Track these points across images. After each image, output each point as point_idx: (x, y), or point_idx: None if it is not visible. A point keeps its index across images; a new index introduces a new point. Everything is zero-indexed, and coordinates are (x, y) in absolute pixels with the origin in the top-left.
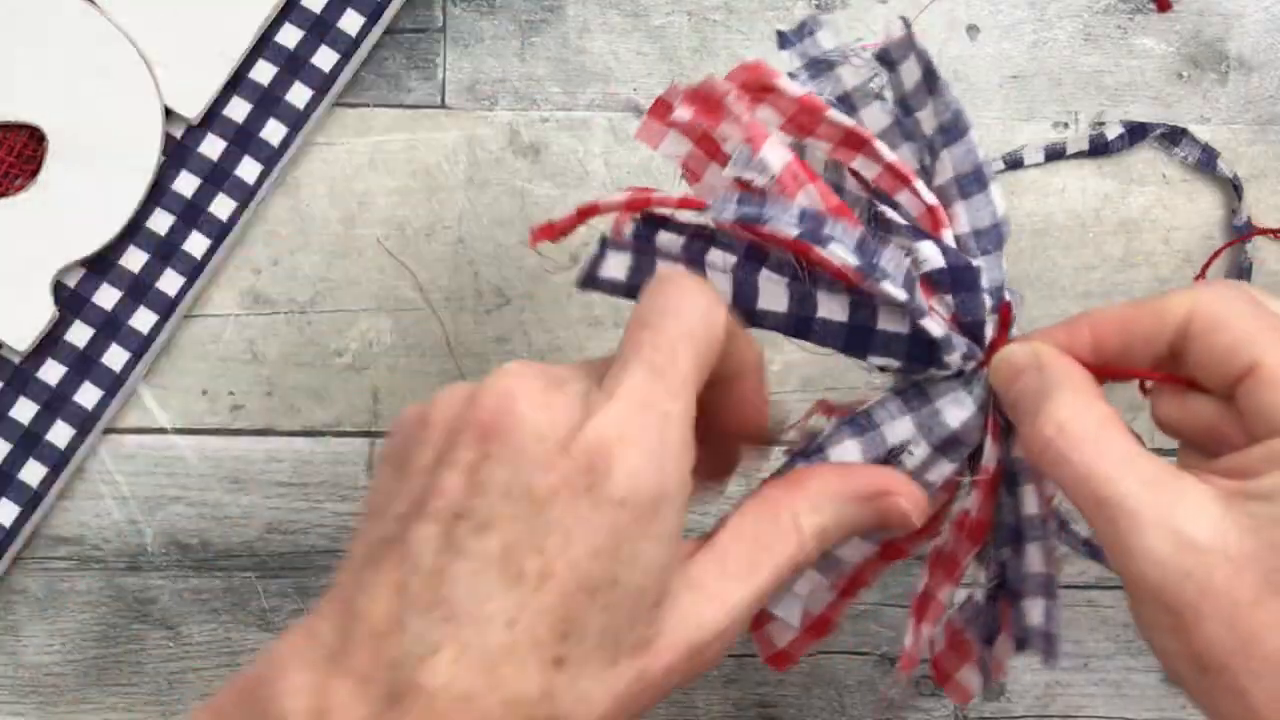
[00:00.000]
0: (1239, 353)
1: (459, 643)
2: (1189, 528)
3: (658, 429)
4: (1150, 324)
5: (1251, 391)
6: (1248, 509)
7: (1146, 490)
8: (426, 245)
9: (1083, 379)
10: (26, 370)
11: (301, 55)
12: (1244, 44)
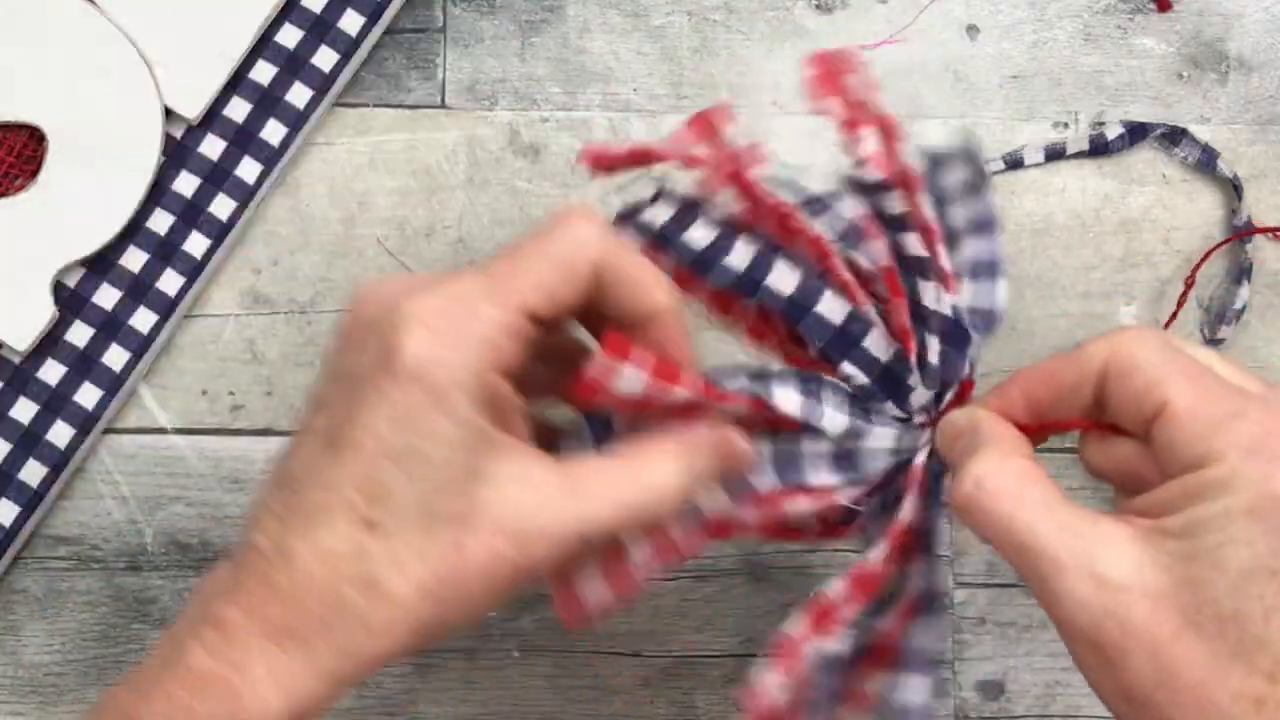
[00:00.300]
0: (1150, 394)
1: (286, 506)
2: (1108, 569)
3: (460, 320)
4: (1073, 375)
5: (1162, 430)
6: (1164, 547)
7: (1065, 535)
8: (426, 245)
9: (1008, 437)
10: (26, 370)
11: (301, 55)
12: (1244, 44)
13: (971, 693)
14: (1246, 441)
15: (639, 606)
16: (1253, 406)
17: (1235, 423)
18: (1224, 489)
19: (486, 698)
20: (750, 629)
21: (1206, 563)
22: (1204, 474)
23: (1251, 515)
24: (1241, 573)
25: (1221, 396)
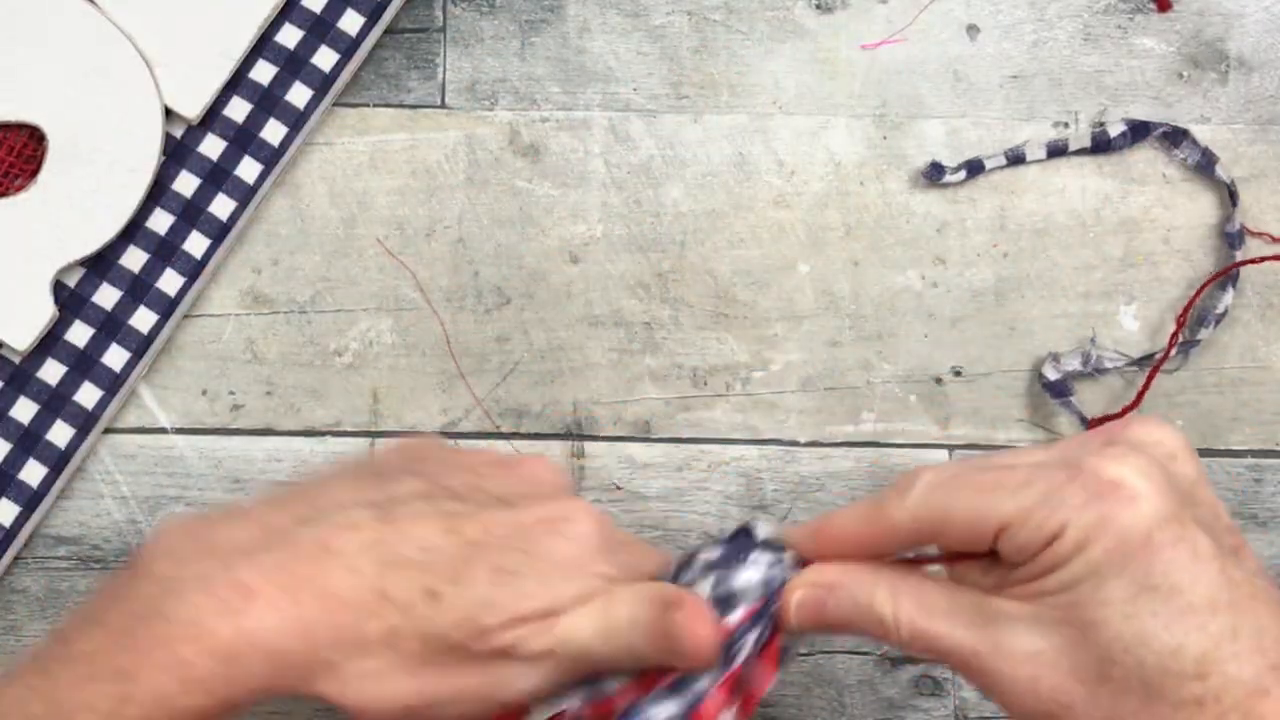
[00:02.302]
0: (977, 532)
1: (379, 539)
2: (1019, 646)
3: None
4: (883, 539)
5: (1006, 544)
6: (1052, 610)
7: (978, 631)
8: (426, 245)
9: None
10: (26, 370)
11: (301, 55)
12: (1244, 44)
13: (971, 693)
14: (1074, 501)
15: None
16: (1056, 473)
17: (1059, 494)
18: (1079, 548)
19: None
20: None
21: (1093, 606)
22: (1057, 548)
23: (1111, 555)
24: (1126, 601)
25: (1033, 480)
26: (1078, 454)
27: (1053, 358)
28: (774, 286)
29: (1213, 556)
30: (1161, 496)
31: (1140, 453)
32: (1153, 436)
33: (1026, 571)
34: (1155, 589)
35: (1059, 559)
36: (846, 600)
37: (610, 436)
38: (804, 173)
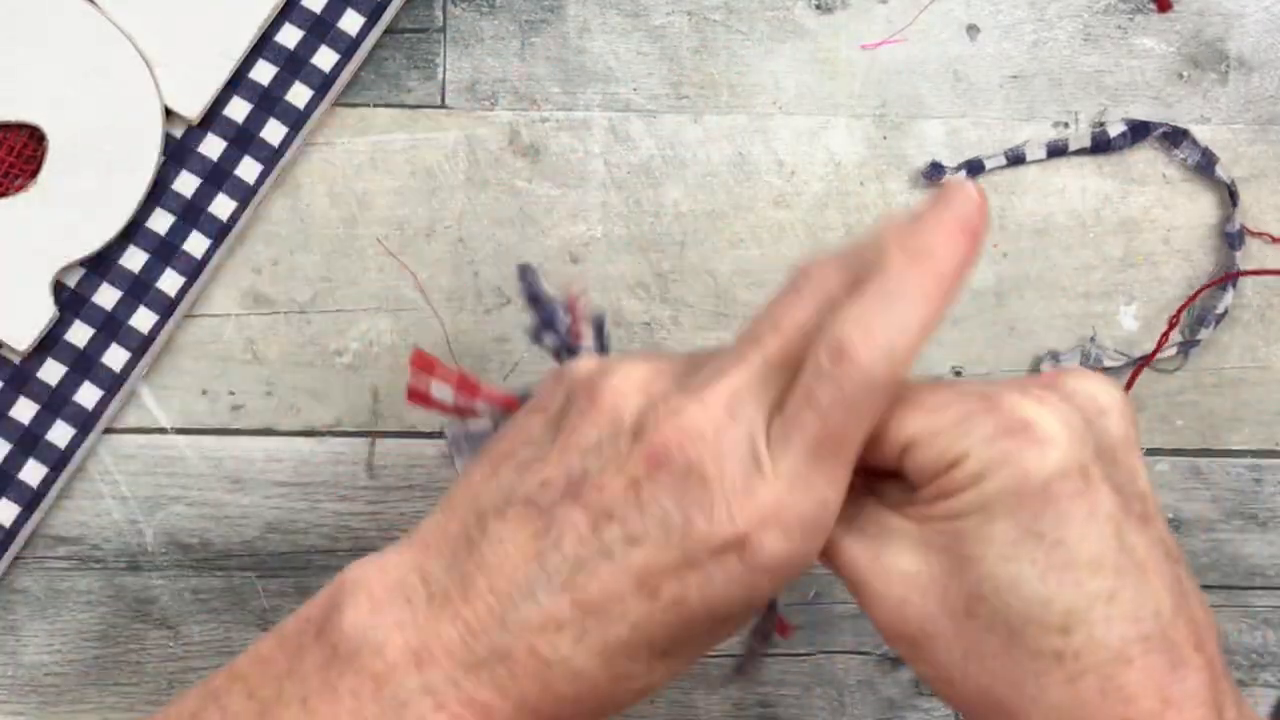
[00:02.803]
0: (885, 440)
1: (584, 628)
2: (898, 563)
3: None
4: None
5: (911, 460)
6: (936, 534)
7: (859, 540)
8: (426, 245)
9: None
10: (26, 370)
11: (301, 55)
12: (1244, 44)
13: None
14: (983, 433)
15: None
16: (974, 403)
17: (970, 422)
18: (975, 480)
19: None
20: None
21: (974, 541)
22: (955, 474)
23: (1004, 494)
24: (1009, 543)
25: (950, 404)
26: (1005, 388)
27: (1051, 356)
28: (774, 286)
29: (1109, 517)
30: (1073, 446)
31: (1068, 401)
32: (1089, 389)
33: (926, 492)
34: (1040, 536)
35: (954, 486)
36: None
37: None
38: (804, 173)
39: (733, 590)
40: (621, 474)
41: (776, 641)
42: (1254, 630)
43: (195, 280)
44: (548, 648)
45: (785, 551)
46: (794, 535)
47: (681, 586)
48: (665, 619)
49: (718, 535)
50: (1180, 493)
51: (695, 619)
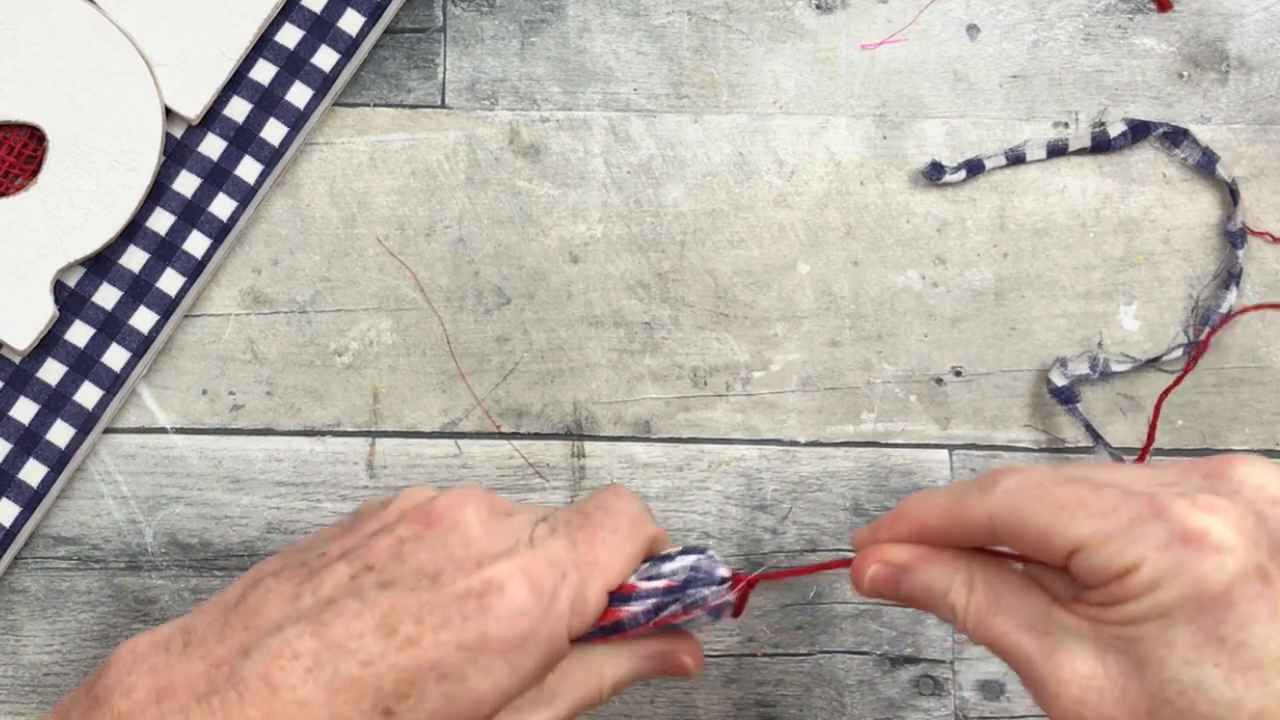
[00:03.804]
0: (1051, 545)
1: (317, 660)
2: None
3: (552, 584)
4: (961, 533)
5: (1078, 564)
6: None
7: (1048, 651)
8: (426, 245)
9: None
10: (26, 370)
11: (301, 55)
12: (1244, 44)
13: (971, 693)
14: (1155, 541)
15: None
16: (1143, 506)
17: (1139, 529)
18: (1150, 588)
19: None
20: (750, 629)
21: (1154, 645)
22: (1128, 582)
23: (1183, 601)
24: (1191, 648)
25: (1117, 508)
26: (1171, 488)
27: (1060, 363)
28: (774, 286)
29: None
30: (1249, 551)
31: (1236, 497)
32: (1258, 479)
33: (1097, 595)
34: (1223, 640)
35: (1129, 593)
36: (920, 583)
37: (610, 436)
38: (804, 173)
39: (468, 639)
40: (392, 536)
41: (729, 621)
42: None
43: (195, 280)
44: (279, 674)
45: (519, 606)
46: (529, 594)
47: (418, 628)
48: (396, 661)
49: (463, 582)
50: None
51: (423, 668)
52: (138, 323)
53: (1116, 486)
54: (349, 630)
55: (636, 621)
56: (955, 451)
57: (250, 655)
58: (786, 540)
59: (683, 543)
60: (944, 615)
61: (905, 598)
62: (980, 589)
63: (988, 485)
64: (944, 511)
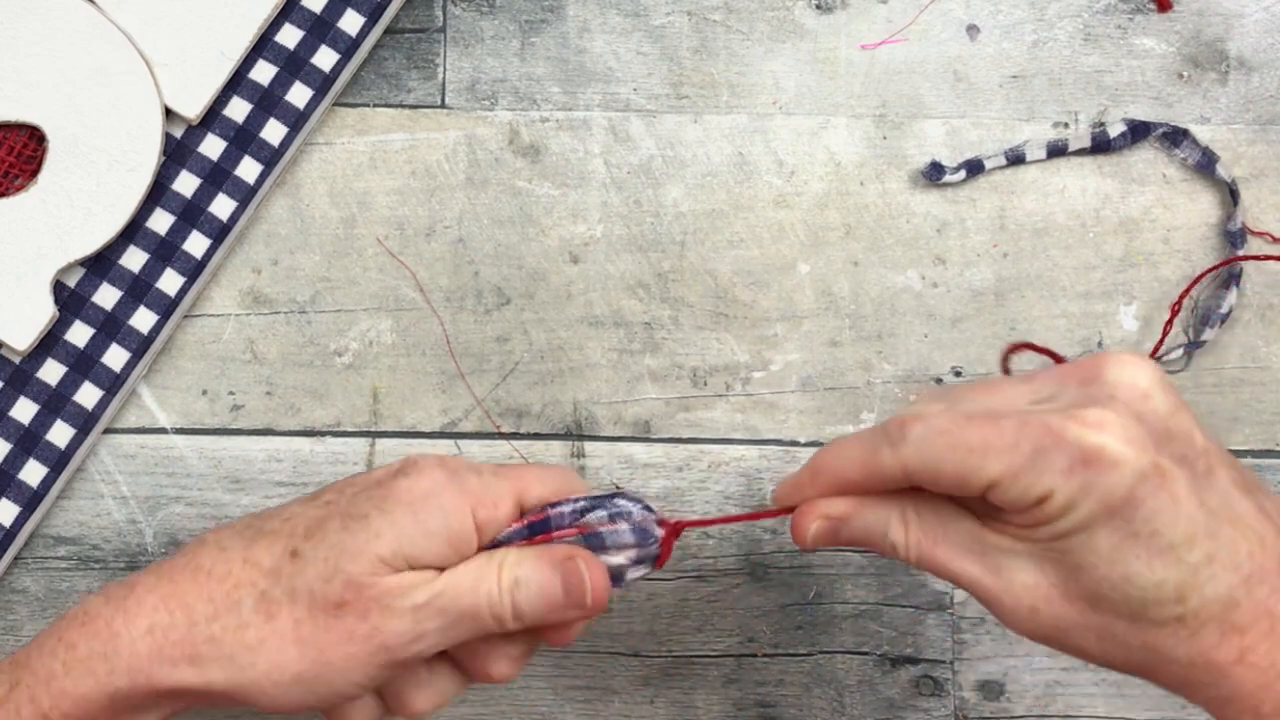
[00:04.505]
0: (968, 485)
1: (248, 525)
2: (1024, 579)
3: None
4: (879, 485)
5: (995, 497)
6: (1047, 553)
7: (986, 571)
8: (426, 245)
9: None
10: (26, 370)
11: (301, 55)
12: (1244, 44)
13: (971, 693)
14: (1059, 467)
15: (639, 607)
16: (1041, 435)
17: (1044, 460)
18: (1065, 510)
19: (486, 698)
20: (750, 629)
21: (1081, 553)
22: (1045, 508)
23: (1096, 513)
24: (1112, 548)
25: (1018, 441)
26: (1055, 403)
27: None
28: (774, 286)
29: (1189, 493)
30: (1140, 455)
31: (1114, 402)
32: (1125, 377)
33: (1021, 519)
34: (1137, 535)
35: (1048, 517)
36: (859, 528)
37: (610, 436)
38: (804, 173)
39: (377, 493)
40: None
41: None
42: None
43: (195, 280)
44: (212, 535)
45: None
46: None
47: (339, 496)
48: (313, 514)
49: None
50: None
51: (332, 515)
52: (138, 323)
53: (1010, 415)
54: (280, 509)
55: (562, 521)
56: None
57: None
58: (786, 540)
59: (680, 544)
60: (885, 553)
61: (846, 543)
62: (915, 524)
63: (897, 437)
64: (860, 467)
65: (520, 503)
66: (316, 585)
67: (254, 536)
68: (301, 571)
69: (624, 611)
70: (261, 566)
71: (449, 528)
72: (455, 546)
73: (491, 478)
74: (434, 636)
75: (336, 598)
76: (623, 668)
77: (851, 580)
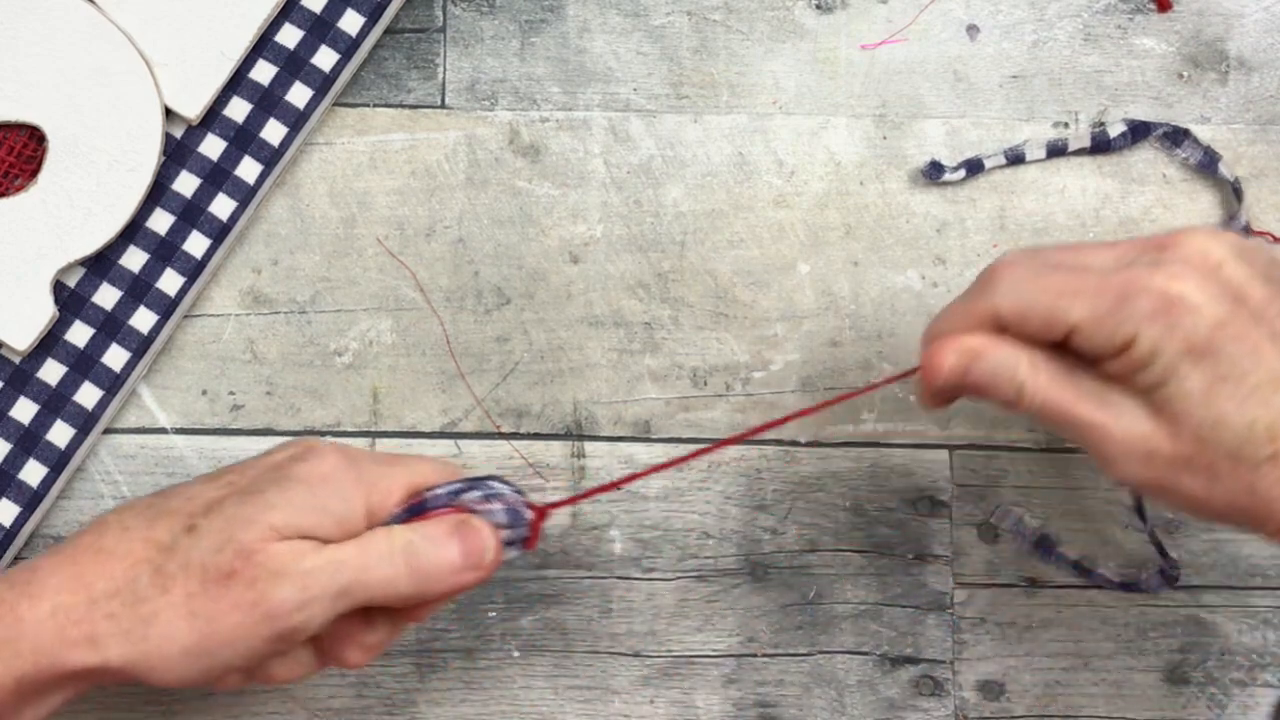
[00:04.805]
0: (1051, 328)
1: (151, 504)
2: (1135, 426)
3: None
4: (981, 332)
5: (1078, 342)
6: (1148, 400)
7: (1104, 412)
8: (426, 245)
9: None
10: (26, 370)
11: (301, 55)
12: (1244, 44)
13: (971, 693)
14: (1142, 313)
15: (638, 607)
16: (1124, 285)
17: (1127, 307)
18: (1152, 355)
19: (486, 698)
20: (750, 629)
21: (1177, 402)
22: (1132, 354)
23: (1182, 359)
24: (1204, 394)
25: (1102, 289)
26: (1138, 265)
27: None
28: (774, 286)
29: (1270, 345)
30: (1218, 304)
31: (1190, 264)
32: (1198, 246)
33: (1112, 368)
34: (1225, 378)
35: (1138, 362)
36: (989, 367)
37: (610, 436)
38: (804, 173)
39: (276, 475)
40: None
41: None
42: (1254, 630)
43: (195, 280)
44: (114, 514)
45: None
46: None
47: (241, 477)
48: (213, 494)
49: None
50: None
51: (231, 494)
52: (138, 323)
53: (1094, 269)
54: (183, 487)
55: (438, 501)
56: (955, 452)
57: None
58: (786, 540)
59: (680, 542)
60: (1007, 396)
61: (972, 385)
62: (1043, 368)
63: (988, 286)
64: (962, 319)
65: (412, 488)
66: (209, 556)
67: (155, 515)
68: (196, 544)
69: (624, 611)
70: (161, 543)
71: (341, 509)
72: (344, 528)
73: (387, 467)
74: (318, 605)
75: (227, 567)
76: (623, 668)
77: (851, 580)
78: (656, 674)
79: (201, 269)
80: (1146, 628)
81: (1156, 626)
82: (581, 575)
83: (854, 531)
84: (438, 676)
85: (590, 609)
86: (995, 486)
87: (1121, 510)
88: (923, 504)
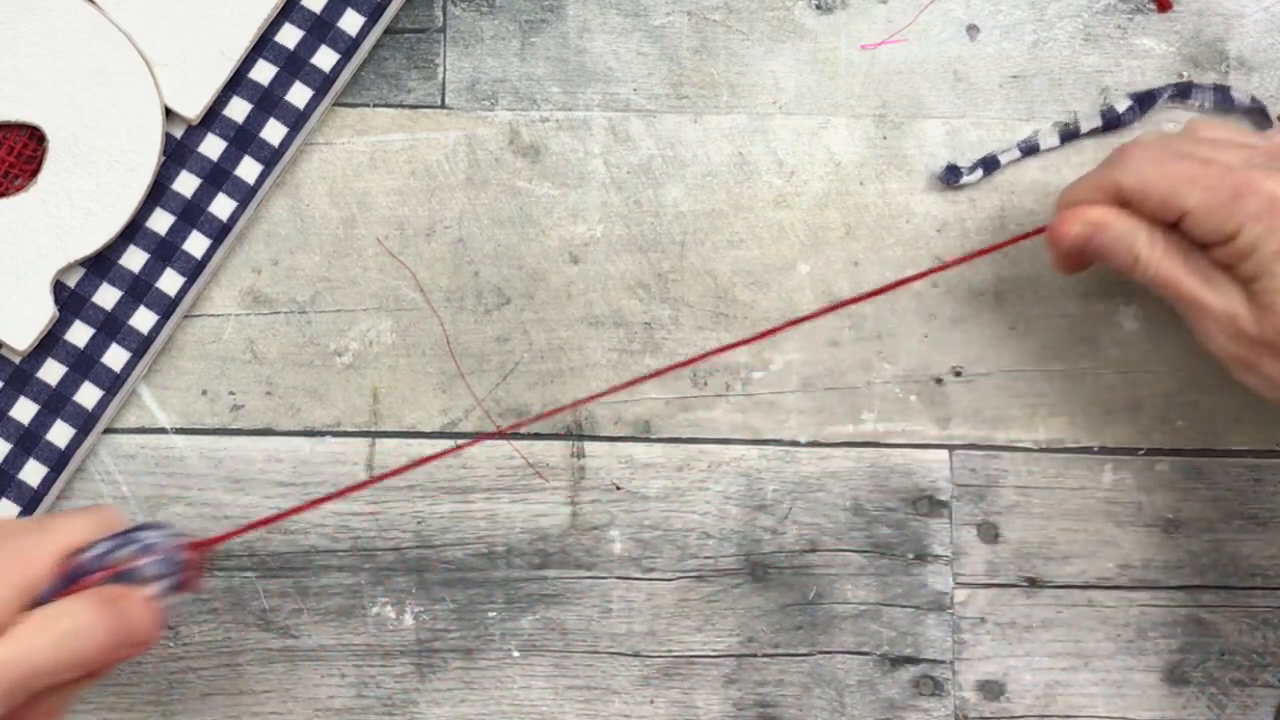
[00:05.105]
0: (1166, 209)
1: None
2: (1235, 309)
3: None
4: (1106, 201)
5: (1189, 228)
6: (1247, 289)
7: (1206, 289)
8: (426, 245)
9: (1128, 219)
10: (26, 370)
11: (301, 55)
12: (1244, 44)
13: (971, 693)
14: (1249, 211)
15: (639, 607)
16: (1240, 181)
17: (1237, 203)
18: (1253, 248)
19: (486, 698)
20: (750, 629)
21: (1270, 293)
22: (1235, 244)
23: (1276, 259)
24: None
25: (1219, 184)
26: (1257, 169)
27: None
28: (774, 286)
29: None
30: None
31: None
32: None
33: (1215, 255)
34: None
35: (1237, 255)
36: (1111, 237)
37: (610, 436)
38: (804, 173)
39: None
40: None
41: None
42: (1254, 630)
43: (195, 280)
44: None
45: None
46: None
47: None
48: None
49: None
50: (1180, 493)
51: None
52: (138, 323)
53: (1218, 163)
54: None
55: (90, 567)
56: (955, 452)
57: None
58: (786, 540)
59: (680, 542)
60: (1125, 264)
61: (1094, 253)
62: (1161, 242)
63: (1118, 163)
64: (1092, 189)
65: (65, 553)
66: None
67: None
68: None
69: (624, 611)
70: None
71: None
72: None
73: (37, 535)
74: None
75: None
76: (623, 668)
77: (851, 580)
78: (656, 674)
79: (201, 269)
80: (1146, 628)
81: (1156, 626)
82: (581, 575)
83: (854, 531)
84: (438, 676)
85: (590, 609)
86: (995, 486)
87: (1122, 510)
88: (923, 504)
